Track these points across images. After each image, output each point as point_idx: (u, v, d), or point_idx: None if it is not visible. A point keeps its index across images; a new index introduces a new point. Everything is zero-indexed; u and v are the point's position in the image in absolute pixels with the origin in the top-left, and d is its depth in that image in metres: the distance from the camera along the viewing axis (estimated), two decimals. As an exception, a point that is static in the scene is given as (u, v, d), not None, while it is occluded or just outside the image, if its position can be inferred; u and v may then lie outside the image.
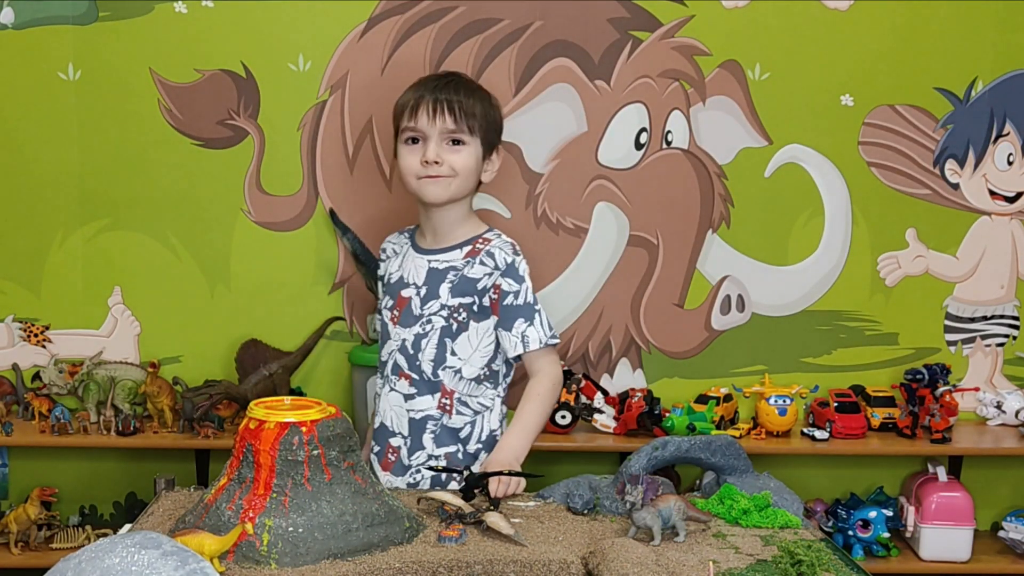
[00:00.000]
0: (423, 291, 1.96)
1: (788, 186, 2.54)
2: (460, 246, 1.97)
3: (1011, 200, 2.59)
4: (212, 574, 1.14)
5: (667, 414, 2.44)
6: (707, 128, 2.52)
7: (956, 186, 2.57)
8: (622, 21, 2.47)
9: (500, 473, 1.70)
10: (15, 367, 2.50)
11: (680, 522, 1.43)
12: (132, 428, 2.40)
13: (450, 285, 1.94)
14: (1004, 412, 2.58)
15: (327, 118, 2.47)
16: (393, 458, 1.99)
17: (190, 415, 2.39)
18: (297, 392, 2.48)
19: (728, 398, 2.52)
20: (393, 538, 1.42)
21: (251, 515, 1.37)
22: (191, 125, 2.46)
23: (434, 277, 1.96)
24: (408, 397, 1.97)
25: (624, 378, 2.59)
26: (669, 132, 2.51)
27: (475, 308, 1.94)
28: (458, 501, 1.52)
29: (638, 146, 2.50)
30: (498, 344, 1.96)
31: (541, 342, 1.92)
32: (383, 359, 2.03)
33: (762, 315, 2.59)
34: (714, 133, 2.52)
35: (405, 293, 1.99)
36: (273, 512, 1.37)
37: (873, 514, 2.49)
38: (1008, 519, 2.56)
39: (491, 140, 1.98)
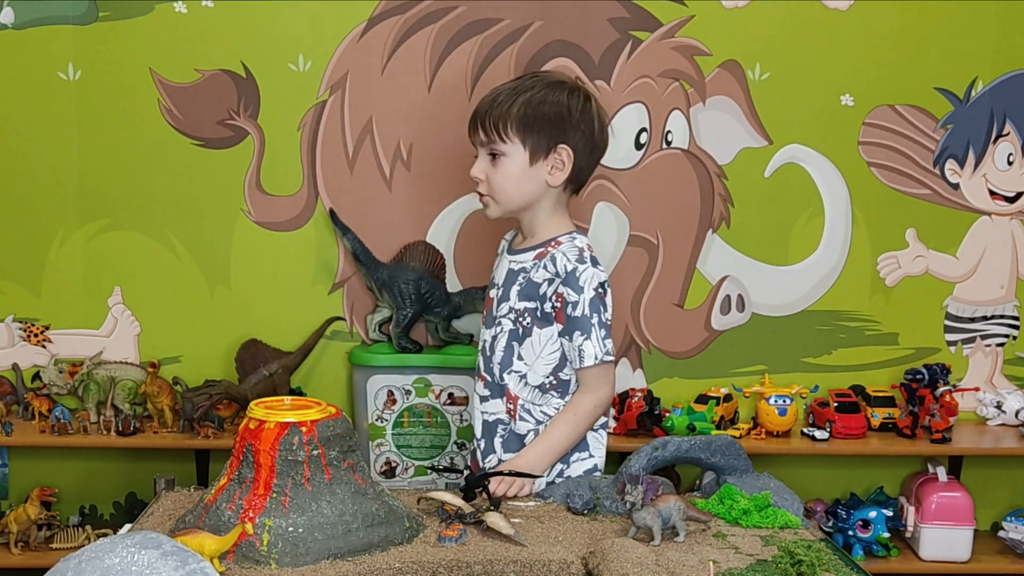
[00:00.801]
0: (500, 292, 1.94)
1: (788, 186, 2.54)
2: (536, 248, 1.92)
3: (1011, 200, 2.59)
4: (212, 574, 1.14)
5: (667, 414, 2.44)
6: (707, 128, 2.52)
7: (956, 186, 2.57)
8: (622, 21, 2.47)
9: (500, 473, 1.70)
10: (15, 367, 2.50)
11: (680, 522, 1.43)
12: (132, 428, 2.40)
13: (519, 288, 1.90)
14: (1004, 412, 2.58)
15: (327, 118, 2.47)
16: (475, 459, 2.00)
17: (190, 415, 2.39)
18: (297, 392, 2.48)
19: (728, 398, 2.52)
20: (393, 538, 1.42)
21: (251, 515, 1.37)
22: (191, 125, 2.46)
23: (510, 278, 1.93)
24: (483, 399, 1.96)
25: (624, 378, 2.58)
26: (669, 132, 2.51)
27: (538, 314, 1.88)
28: (458, 501, 1.52)
29: (638, 146, 2.50)
30: (563, 354, 1.88)
31: (596, 358, 1.83)
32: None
33: (762, 315, 2.59)
34: (714, 133, 2.52)
35: (492, 294, 1.98)
36: (273, 512, 1.37)
37: (873, 514, 2.49)
38: (1008, 519, 2.56)
39: (542, 140, 1.87)
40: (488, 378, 1.93)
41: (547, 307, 1.87)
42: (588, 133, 1.91)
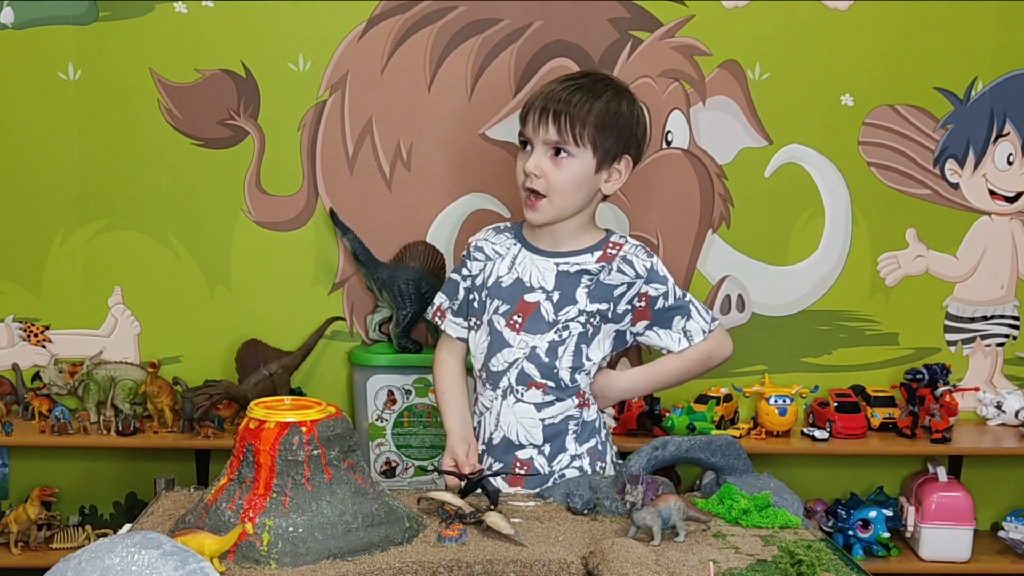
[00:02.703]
0: (556, 296, 1.86)
1: (788, 186, 2.54)
2: (590, 250, 1.88)
3: (1011, 200, 2.59)
4: (212, 574, 1.14)
5: (667, 414, 2.44)
6: (707, 128, 2.52)
7: (956, 186, 2.57)
8: (622, 21, 2.47)
9: (501, 472, 1.70)
10: (15, 367, 2.50)
11: (680, 522, 1.43)
12: (132, 428, 2.40)
13: (587, 290, 1.86)
14: (1004, 412, 2.58)
15: (327, 118, 2.47)
16: (523, 471, 1.87)
17: (190, 415, 2.39)
18: (297, 392, 2.48)
19: (728, 398, 2.52)
20: (393, 538, 1.42)
21: (251, 515, 1.37)
22: (191, 125, 2.46)
23: (567, 281, 1.86)
24: (543, 406, 1.88)
25: (624, 378, 2.58)
26: (669, 132, 2.51)
27: (609, 314, 1.87)
28: (458, 501, 1.52)
29: (638, 146, 2.50)
30: (616, 342, 1.91)
31: (704, 332, 1.91)
32: (495, 369, 1.89)
33: (762, 315, 2.59)
34: (714, 133, 2.52)
35: (531, 298, 1.87)
36: (273, 512, 1.37)
37: (873, 514, 2.49)
38: (1008, 519, 2.56)
39: (611, 149, 1.84)
40: (550, 383, 1.86)
41: (620, 308, 1.87)
42: (642, 144, 1.93)
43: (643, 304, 1.88)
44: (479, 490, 1.58)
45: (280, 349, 2.49)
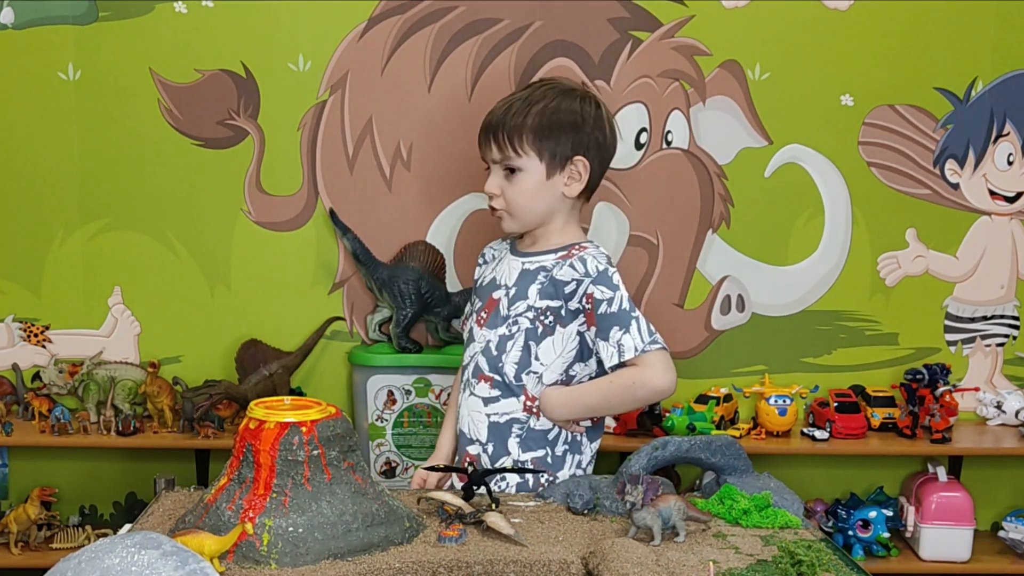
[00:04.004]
0: (512, 292, 1.88)
1: (788, 186, 2.54)
2: (556, 250, 1.88)
3: (1011, 200, 2.59)
4: (212, 574, 1.14)
5: (667, 414, 2.44)
6: (707, 128, 2.52)
7: (956, 186, 2.57)
8: (622, 21, 2.47)
9: (501, 471, 1.70)
10: (15, 367, 2.50)
11: (680, 522, 1.43)
12: (132, 428, 2.40)
13: (539, 286, 1.86)
14: (1004, 412, 2.58)
15: (327, 118, 2.47)
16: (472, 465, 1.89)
17: (190, 415, 2.39)
18: (297, 392, 2.48)
19: (728, 398, 2.52)
20: (393, 538, 1.42)
21: (251, 515, 1.37)
22: (191, 125, 2.46)
23: (525, 278, 1.88)
24: (489, 400, 1.88)
25: (624, 378, 2.58)
26: (669, 132, 2.51)
27: (562, 312, 1.85)
28: (458, 501, 1.52)
29: (638, 146, 2.50)
30: (579, 351, 1.86)
31: (637, 349, 1.77)
32: (464, 363, 1.95)
33: (762, 315, 2.59)
34: (714, 133, 2.52)
35: (496, 295, 1.91)
36: (273, 512, 1.37)
37: (873, 514, 2.49)
38: (1008, 519, 2.56)
39: (559, 151, 1.83)
40: (497, 378, 1.88)
41: (572, 306, 1.84)
42: (601, 140, 1.89)
43: (589, 306, 1.82)
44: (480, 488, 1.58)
45: (280, 349, 2.49)
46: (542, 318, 1.85)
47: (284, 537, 1.35)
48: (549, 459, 1.88)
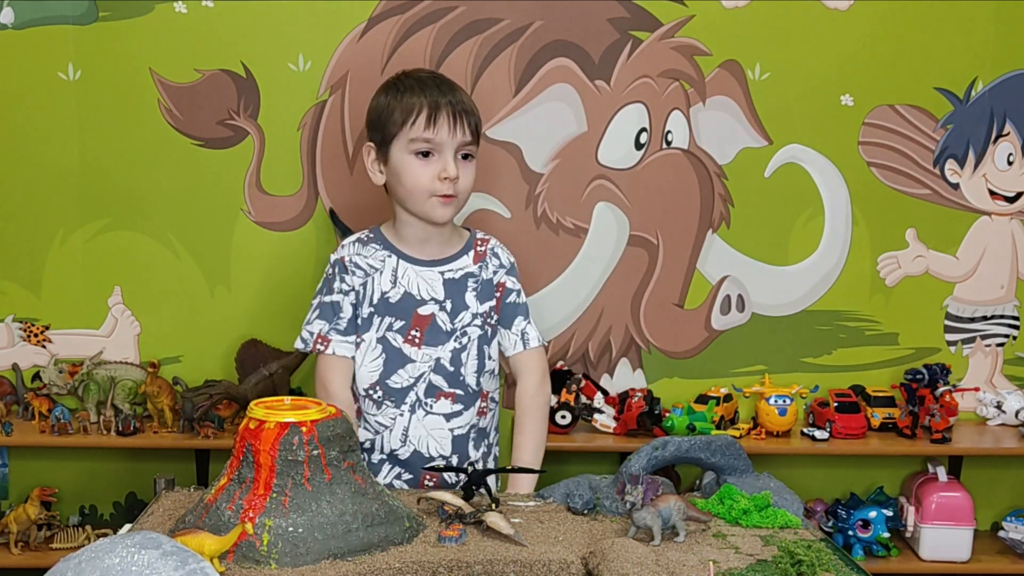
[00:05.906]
0: (448, 305, 1.86)
1: (788, 186, 2.55)
2: (464, 251, 1.90)
3: (1011, 200, 2.59)
4: (212, 574, 1.14)
5: (667, 414, 2.44)
6: (707, 128, 2.52)
7: (956, 186, 2.57)
8: (622, 21, 2.47)
9: (502, 471, 1.70)
10: (15, 367, 2.50)
11: (680, 522, 1.43)
12: (132, 428, 2.40)
13: (475, 293, 1.87)
14: (1004, 412, 2.58)
15: (327, 118, 2.47)
16: (432, 483, 1.87)
17: (190, 415, 2.39)
18: (297, 392, 2.48)
19: (728, 398, 2.52)
20: (393, 538, 1.42)
21: (251, 515, 1.37)
22: (191, 125, 2.46)
23: (454, 287, 1.86)
24: (452, 416, 1.87)
25: (624, 378, 2.59)
26: (669, 132, 2.51)
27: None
28: (458, 501, 1.52)
29: (638, 146, 2.50)
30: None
31: (539, 340, 1.92)
32: (397, 386, 1.85)
33: (762, 315, 2.59)
34: (714, 133, 2.52)
35: (424, 311, 1.85)
36: (273, 512, 1.37)
37: (873, 514, 2.49)
38: (1008, 519, 2.56)
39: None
40: (459, 392, 1.86)
41: (497, 295, 1.91)
42: None
43: (499, 294, 1.89)
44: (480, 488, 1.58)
45: (280, 349, 2.49)
46: (488, 320, 1.89)
47: (284, 537, 1.35)
48: (487, 448, 1.95)
